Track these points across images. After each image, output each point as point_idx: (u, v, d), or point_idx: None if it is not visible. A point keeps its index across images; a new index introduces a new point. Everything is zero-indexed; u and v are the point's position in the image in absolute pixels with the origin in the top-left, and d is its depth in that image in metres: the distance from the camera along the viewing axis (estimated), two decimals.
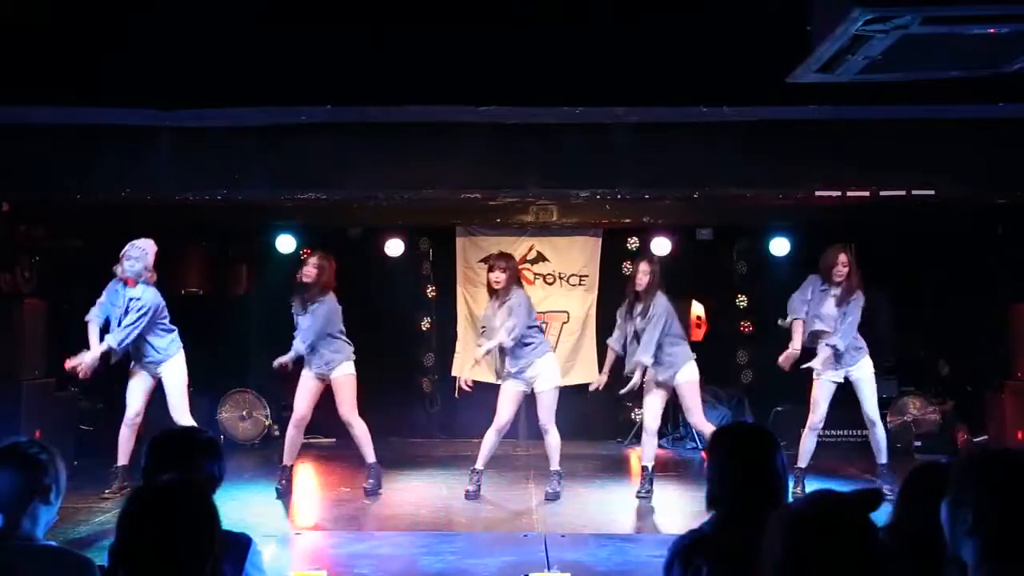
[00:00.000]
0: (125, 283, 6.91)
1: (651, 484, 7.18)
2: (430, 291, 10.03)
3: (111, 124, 6.26)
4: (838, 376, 6.99)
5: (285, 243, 9.66)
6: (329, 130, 6.38)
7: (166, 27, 5.38)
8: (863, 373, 7.01)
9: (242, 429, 9.49)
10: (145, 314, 6.83)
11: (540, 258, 9.85)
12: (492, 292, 7.10)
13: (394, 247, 9.82)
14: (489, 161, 6.63)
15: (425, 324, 9.90)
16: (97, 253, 8.68)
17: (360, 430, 7.10)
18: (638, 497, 7.12)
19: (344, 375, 7.10)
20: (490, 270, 7.13)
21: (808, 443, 7.07)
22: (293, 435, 7.13)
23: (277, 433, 9.64)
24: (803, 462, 7.03)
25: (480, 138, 6.43)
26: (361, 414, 7.15)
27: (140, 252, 6.90)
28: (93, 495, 6.77)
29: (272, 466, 7.41)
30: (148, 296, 6.90)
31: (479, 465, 7.10)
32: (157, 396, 7.08)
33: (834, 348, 6.87)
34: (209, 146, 6.47)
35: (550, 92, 5.64)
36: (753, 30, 5.23)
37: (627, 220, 9.19)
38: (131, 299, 6.87)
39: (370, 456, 7.16)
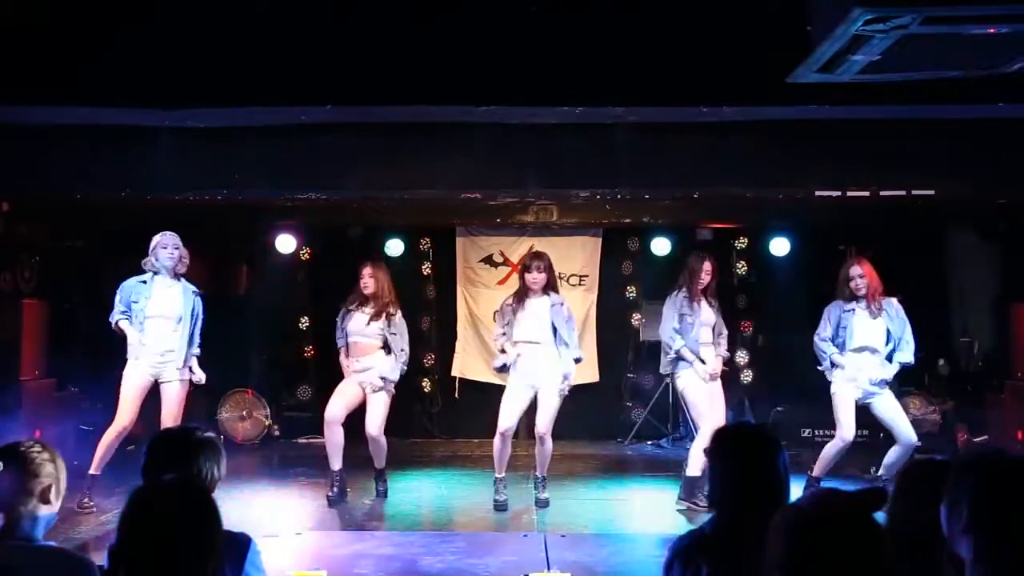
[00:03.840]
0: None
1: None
2: (430, 291, 10.03)
3: (111, 124, 6.25)
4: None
5: (285, 243, 9.66)
6: (329, 130, 6.36)
7: (166, 27, 5.37)
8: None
9: (242, 429, 9.48)
10: None
11: None
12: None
13: (394, 247, 9.82)
14: (489, 161, 6.62)
15: (425, 324, 9.89)
16: (97, 253, 8.70)
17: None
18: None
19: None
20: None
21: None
22: None
23: (277, 433, 9.64)
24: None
25: (480, 138, 6.41)
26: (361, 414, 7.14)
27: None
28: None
29: (273, 466, 7.36)
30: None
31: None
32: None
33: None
34: (209, 146, 6.45)
35: (550, 92, 5.62)
36: (753, 30, 5.22)
37: (627, 220, 9.18)
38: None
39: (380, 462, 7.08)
